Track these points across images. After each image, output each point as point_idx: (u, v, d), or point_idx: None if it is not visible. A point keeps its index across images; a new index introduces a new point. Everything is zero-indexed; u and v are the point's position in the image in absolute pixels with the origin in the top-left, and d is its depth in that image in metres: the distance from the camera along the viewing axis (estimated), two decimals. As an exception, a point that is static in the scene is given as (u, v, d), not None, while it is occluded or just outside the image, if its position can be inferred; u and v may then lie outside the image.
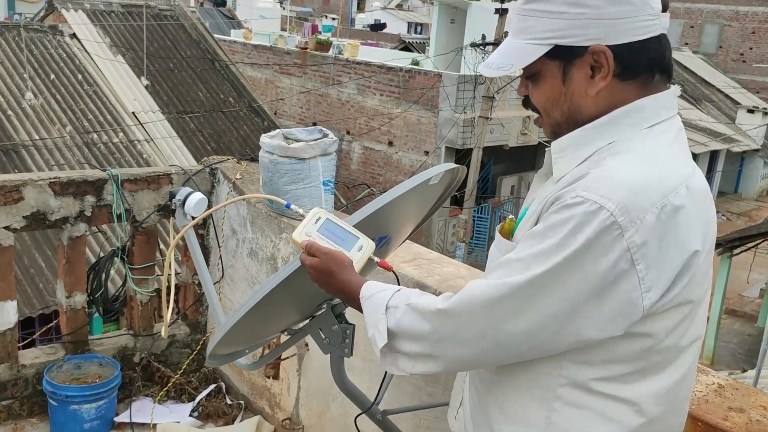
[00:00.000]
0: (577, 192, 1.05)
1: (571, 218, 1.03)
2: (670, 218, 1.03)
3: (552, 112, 1.18)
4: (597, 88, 1.13)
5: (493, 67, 1.19)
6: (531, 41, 1.14)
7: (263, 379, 3.06)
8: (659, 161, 1.09)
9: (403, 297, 1.25)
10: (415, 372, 1.23)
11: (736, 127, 22.28)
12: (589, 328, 1.06)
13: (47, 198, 2.85)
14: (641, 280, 1.03)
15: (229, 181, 3.18)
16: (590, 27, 1.10)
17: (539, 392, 1.16)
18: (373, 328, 1.25)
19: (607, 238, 1.02)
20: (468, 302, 1.13)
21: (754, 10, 29.26)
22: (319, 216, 1.42)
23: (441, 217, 14.30)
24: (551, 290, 1.05)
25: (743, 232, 11.34)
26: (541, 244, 1.06)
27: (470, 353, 1.16)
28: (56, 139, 8.47)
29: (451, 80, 13.67)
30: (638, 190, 1.03)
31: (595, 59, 1.12)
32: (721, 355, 11.17)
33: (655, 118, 1.14)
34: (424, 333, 1.19)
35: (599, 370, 1.11)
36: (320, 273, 1.35)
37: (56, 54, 9.56)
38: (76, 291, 3.06)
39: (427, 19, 30.46)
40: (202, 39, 11.02)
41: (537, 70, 1.16)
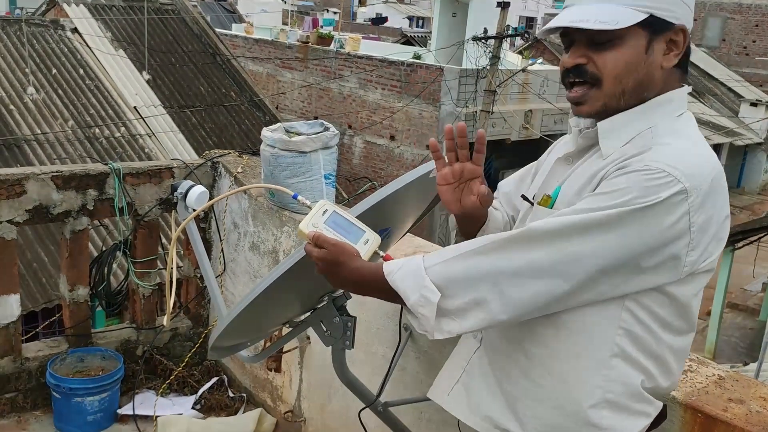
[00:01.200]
0: (645, 162, 1.16)
1: (641, 181, 1.14)
2: (716, 188, 1.19)
3: (626, 78, 1.23)
4: (671, 63, 1.25)
5: (592, 22, 1.20)
6: (629, 6, 1.21)
7: (265, 372, 3.07)
8: (703, 143, 1.25)
9: (439, 255, 1.26)
10: (463, 330, 1.24)
11: (739, 121, 22.21)
12: (638, 277, 1.18)
13: (49, 192, 2.86)
14: (691, 240, 1.17)
15: (231, 175, 3.18)
16: (680, 7, 1.23)
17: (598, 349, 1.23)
18: (419, 289, 1.23)
19: (674, 200, 1.14)
20: (534, 231, 1.17)
21: (758, 3, 29.12)
22: (326, 208, 1.41)
23: (443, 211, 14.27)
24: (614, 231, 1.14)
25: (746, 226, 11.32)
26: (612, 200, 1.15)
27: (528, 295, 1.17)
28: (58, 133, 8.47)
29: (453, 74, 13.63)
30: (697, 162, 1.18)
31: (673, 37, 1.24)
32: (722, 349, 11.16)
33: (680, 109, 1.28)
34: (482, 272, 1.19)
35: (648, 326, 1.23)
36: (329, 264, 1.34)
37: (58, 48, 9.55)
38: (78, 284, 3.07)
39: (428, 13, 30.38)
40: (204, 33, 11.00)
41: (620, 36, 1.21)
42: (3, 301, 2.87)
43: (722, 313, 11.27)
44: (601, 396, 1.24)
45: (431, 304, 1.22)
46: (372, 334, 2.36)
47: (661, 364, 1.27)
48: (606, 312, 1.22)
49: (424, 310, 1.23)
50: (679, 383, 1.65)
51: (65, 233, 2.99)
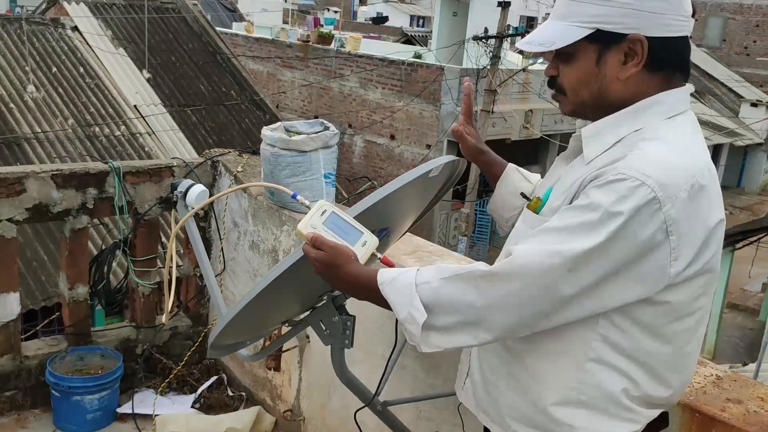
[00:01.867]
0: (619, 170, 1.15)
1: (615, 192, 1.14)
2: (698, 196, 1.16)
3: (581, 91, 1.27)
4: (628, 74, 1.23)
5: (535, 44, 1.28)
6: (575, 24, 1.24)
7: (264, 371, 3.08)
8: (685, 147, 1.21)
9: (431, 272, 1.28)
10: (449, 346, 1.27)
11: (739, 121, 22.21)
12: (623, 291, 1.18)
13: (49, 190, 2.86)
14: (672, 250, 1.15)
15: (231, 174, 3.18)
16: (632, 17, 1.21)
17: (574, 349, 1.24)
18: (408, 307, 1.27)
19: (648, 211, 1.13)
20: (520, 267, 1.19)
21: (759, 3, 29.10)
22: (325, 209, 1.41)
23: (443, 211, 14.29)
24: (599, 259, 1.15)
25: (746, 227, 11.32)
26: (586, 216, 1.15)
27: (514, 319, 1.22)
28: (58, 131, 8.47)
29: (454, 74, 13.63)
30: (673, 170, 1.15)
31: (630, 47, 1.22)
32: (722, 349, 11.17)
33: (673, 111, 1.25)
34: (470, 300, 1.23)
35: (627, 332, 1.22)
36: (326, 266, 1.36)
37: (58, 47, 9.55)
38: (78, 283, 3.07)
39: (429, 12, 30.36)
40: (204, 32, 11.00)
41: (573, 51, 1.25)
42: (3, 299, 2.87)
43: (722, 313, 11.28)
44: (575, 397, 1.25)
45: (417, 324, 1.26)
46: (371, 333, 2.36)
47: (651, 372, 1.25)
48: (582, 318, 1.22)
49: (411, 327, 1.28)
50: (678, 383, 1.66)
51: (65, 232, 2.99)
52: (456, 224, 14.58)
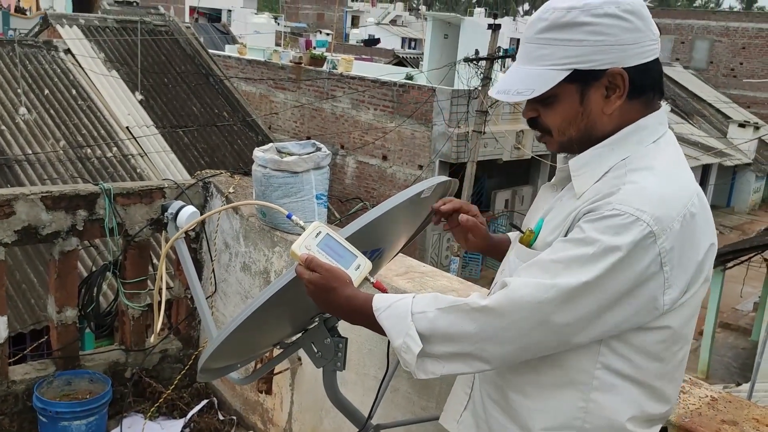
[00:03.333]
0: (614, 206, 1.15)
1: (610, 228, 1.14)
2: (690, 224, 1.17)
3: (568, 130, 1.27)
4: (613, 107, 1.23)
5: (512, 93, 1.26)
6: (549, 67, 1.22)
7: (256, 394, 3.04)
8: (674, 175, 1.22)
9: (427, 301, 1.28)
10: (445, 373, 1.27)
11: (727, 142, 22.44)
12: (617, 322, 1.18)
13: (39, 212, 2.84)
14: (666, 280, 1.16)
15: (222, 195, 3.17)
16: (608, 52, 1.20)
17: (577, 379, 1.24)
18: (403, 336, 1.26)
19: (644, 245, 1.13)
20: (516, 301, 1.19)
21: (744, 25, 29.60)
22: (320, 230, 1.40)
23: (435, 231, 14.29)
24: (593, 293, 1.15)
25: (736, 246, 11.38)
26: (581, 250, 1.15)
27: (510, 350, 1.22)
28: (49, 153, 8.44)
29: (445, 95, 13.73)
30: (666, 203, 1.16)
31: (611, 81, 1.21)
32: (715, 369, 11.15)
33: (656, 134, 1.26)
34: (466, 333, 1.22)
35: (631, 359, 1.22)
36: (321, 289, 1.34)
37: (50, 69, 9.56)
38: (67, 306, 3.04)
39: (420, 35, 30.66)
40: (197, 54, 11.05)
41: (553, 93, 1.23)
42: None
43: (714, 333, 11.28)
44: (580, 425, 1.24)
45: (413, 354, 1.25)
46: (364, 355, 2.34)
47: (652, 391, 1.26)
48: (584, 348, 1.22)
49: (406, 356, 1.27)
50: (673, 405, 1.65)
51: (54, 254, 2.96)
52: (448, 244, 14.58)
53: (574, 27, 1.19)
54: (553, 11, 1.21)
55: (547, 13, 1.22)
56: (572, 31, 1.19)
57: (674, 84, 26.38)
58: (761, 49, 29.15)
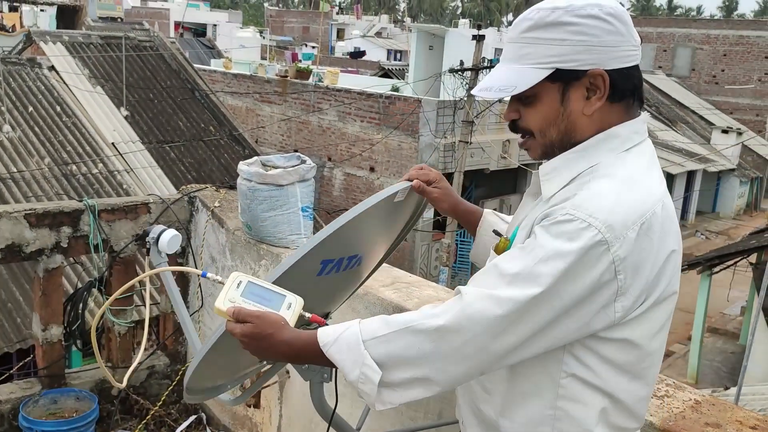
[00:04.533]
0: (567, 210, 1.15)
1: (561, 234, 1.14)
2: (647, 234, 1.15)
3: (548, 131, 1.26)
4: (593, 109, 1.23)
5: (494, 90, 1.25)
6: (532, 65, 1.22)
7: (244, 409, 3.02)
8: (638, 184, 1.19)
9: (377, 325, 1.23)
10: (404, 401, 1.23)
11: (711, 148, 22.69)
12: (571, 330, 1.17)
13: (22, 230, 2.82)
14: (619, 288, 1.14)
15: (208, 210, 3.17)
16: (589, 53, 1.20)
17: (544, 388, 1.23)
18: (359, 367, 1.21)
19: (595, 252, 1.12)
20: (470, 317, 1.17)
21: (725, 33, 30.03)
22: (240, 280, 1.35)
23: (424, 242, 14.32)
24: (547, 302, 1.14)
25: (722, 251, 11.49)
26: (534, 257, 1.15)
27: (468, 368, 1.20)
28: (34, 171, 8.39)
29: (431, 105, 13.81)
30: (621, 210, 1.14)
31: (592, 82, 1.22)
32: (705, 374, 11.20)
33: (629, 143, 1.25)
34: (423, 354, 1.19)
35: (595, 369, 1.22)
36: (256, 339, 1.28)
37: (34, 86, 9.52)
38: (52, 324, 3.01)
39: (405, 46, 30.82)
40: (182, 69, 11.05)
41: (534, 92, 1.23)
42: (-26, 342, 2.80)
43: (702, 338, 11.35)
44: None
45: (372, 383, 1.21)
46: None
47: (620, 405, 1.24)
48: (549, 357, 1.22)
49: (365, 387, 1.22)
50: (657, 409, 1.66)
51: (38, 272, 2.94)
52: (437, 255, 14.60)
53: (558, 26, 1.20)
54: (538, 11, 1.23)
55: (531, 13, 1.24)
56: (555, 31, 1.20)
57: (657, 91, 26.67)
58: (742, 56, 29.58)
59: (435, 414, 2.07)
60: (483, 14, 68.45)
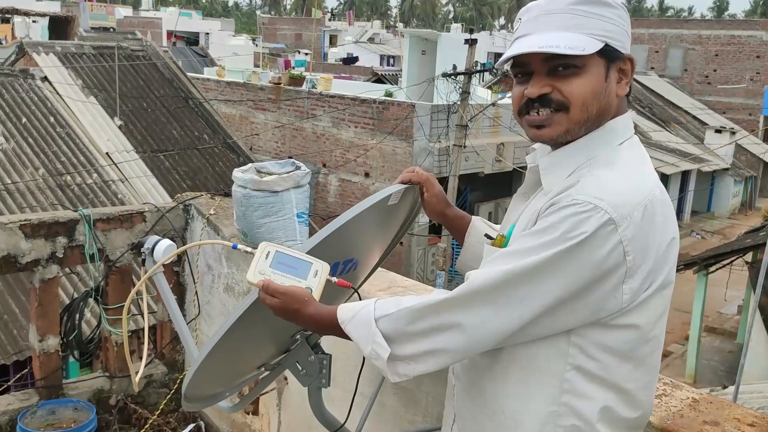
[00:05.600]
0: (573, 196, 1.17)
1: (569, 216, 1.15)
2: (652, 214, 1.18)
3: (591, 105, 1.24)
4: (625, 91, 1.28)
5: (561, 47, 1.19)
6: (587, 34, 1.22)
7: (243, 416, 3.02)
8: (635, 171, 1.24)
9: (388, 304, 1.29)
10: (417, 373, 1.28)
11: (705, 147, 22.78)
12: (580, 311, 1.18)
13: (18, 240, 2.82)
14: (628, 269, 1.16)
15: (203, 217, 3.17)
16: (626, 37, 1.27)
17: (548, 383, 1.24)
18: (370, 343, 1.27)
19: (604, 231, 1.14)
20: (476, 288, 1.21)
21: (716, 33, 30.19)
22: (269, 250, 1.41)
23: (420, 246, 14.32)
24: (552, 277, 1.16)
25: (718, 250, 11.52)
26: (541, 239, 1.17)
27: (475, 339, 1.22)
28: (29, 182, 8.37)
29: (425, 110, 13.83)
30: (625, 192, 1.18)
31: (623, 67, 1.27)
32: (703, 373, 11.22)
33: (622, 136, 1.29)
34: (429, 327, 1.24)
35: (601, 359, 1.23)
36: (284, 312, 1.38)
37: (28, 97, 9.51)
38: (48, 334, 3.00)
39: (398, 52, 30.90)
40: (175, 78, 11.05)
41: (583, 64, 1.22)
42: (-30, 354, 2.79)
43: (700, 337, 11.36)
44: (552, 430, 1.25)
45: (382, 359, 1.27)
46: (349, 371, 2.34)
47: (624, 394, 1.26)
48: (553, 349, 1.23)
49: (376, 362, 1.29)
50: (655, 408, 1.66)
51: (34, 282, 2.94)
52: (433, 259, 14.60)
53: (604, 5, 1.24)
54: None
55: None
56: (604, 8, 1.24)
57: (650, 92, 26.79)
58: (734, 56, 29.73)
59: (434, 417, 2.07)
60: (475, 18, 68.70)
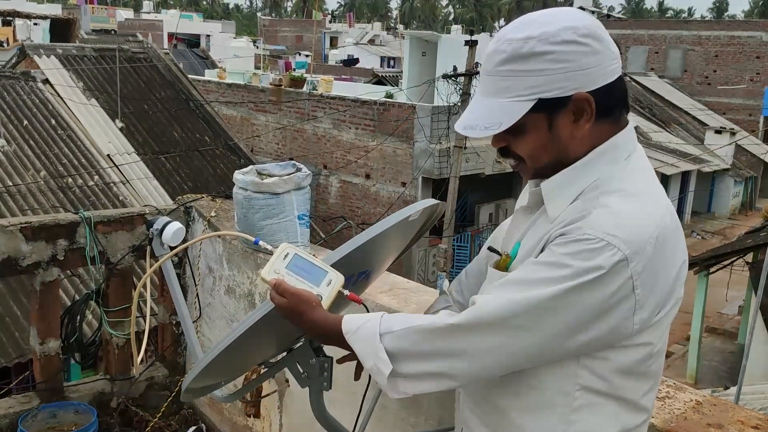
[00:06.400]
0: (584, 230, 1.15)
1: (580, 252, 1.13)
2: (662, 245, 1.16)
3: (540, 158, 1.25)
4: (583, 131, 1.22)
5: (479, 128, 1.22)
6: (514, 99, 1.20)
7: (244, 418, 3.01)
8: (646, 195, 1.21)
9: (396, 321, 1.28)
10: (417, 392, 1.27)
11: (705, 148, 22.77)
12: (585, 342, 1.18)
13: (18, 243, 2.82)
14: (637, 302, 1.15)
15: (204, 219, 3.17)
16: (571, 79, 1.18)
17: (557, 402, 1.24)
18: (374, 358, 1.26)
19: (615, 269, 1.12)
20: (483, 317, 1.19)
21: (716, 34, 30.18)
22: (288, 252, 1.41)
23: (421, 248, 14.31)
24: (560, 310, 1.15)
25: (718, 251, 11.50)
26: (550, 272, 1.15)
27: (478, 367, 1.22)
28: (30, 184, 8.37)
29: (425, 111, 13.83)
30: (637, 226, 1.15)
31: (577, 106, 1.20)
32: (704, 374, 11.21)
33: (626, 151, 1.25)
34: (435, 350, 1.23)
35: (610, 379, 1.23)
36: (290, 313, 1.37)
37: (29, 100, 9.52)
38: (49, 337, 3.00)
39: (399, 53, 30.91)
40: (176, 80, 11.05)
41: (520, 124, 1.21)
42: (-29, 357, 2.79)
43: (701, 338, 11.35)
44: None
45: (383, 375, 1.26)
46: (351, 374, 2.33)
47: (631, 405, 1.26)
48: (562, 371, 1.22)
49: (377, 377, 1.28)
50: (658, 411, 1.66)
51: (35, 285, 2.93)
52: (435, 260, 14.59)
53: (534, 57, 1.17)
54: (510, 42, 1.19)
55: (504, 45, 1.20)
56: (533, 62, 1.17)
57: (650, 93, 26.79)
58: (733, 56, 29.72)
59: (435, 420, 2.07)
60: (475, 20, 68.74)
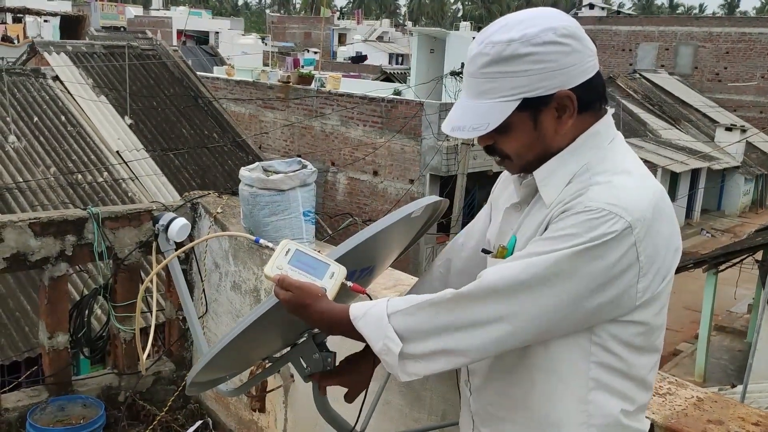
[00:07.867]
0: (585, 203, 1.19)
1: (585, 221, 1.17)
2: (661, 214, 1.21)
3: (526, 155, 1.30)
4: (566, 127, 1.27)
5: (466, 129, 1.27)
6: (498, 100, 1.24)
7: (250, 413, 3.04)
8: (638, 172, 1.26)
9: (401, 302, 1.29)
10: (427, 372, 1.27)
11: (715, 145, 22.62)
12: (594, 311, 1.20)
13: (27, 239, 2.85)
14: (641, 269, 1.19)
15: (210, 216, 3.19)
16: (553, 78, 1.23)
17: (574, 384, 1.26)
18: (382, 338, 1.27)
19: (620, 235, 1.16)
20: (489, 286, 1.21)
21: (727, 30, 29.94)
22: (289, 248, 1.42)
23: (428, 244, 14.31)
24: (567, 279, 1.17)
25: (728, 249, 11.44)
26: (556, 243, 1.18)
27: (488, 339, 1.21)
28: (40, 180, 8.44)
29: (433, 108, 13.81)
30: (635, 196, 1.20)
31: (560, 103, 1.25)
32: (712, 372, 11.16)
33: (608, 137, 1.31)
34: (443, 324, 1.23)
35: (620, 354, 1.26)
36: (295, 306, 1.37)
37: (39, 96, 9.58)
38: (58, 331, 3.04)
39: (407, 50, 30.89)
40: (185, 77, 11.10)
41: (507, 123, 1.25)
42: (-19, 351, 2.82)
43: (709, 336, 11.30)
44: (586, 429, 1.26)
45: (393, 354, 1.26)
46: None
47: (639, 382, 1.30)
48: (575, 349, 1.25)
49: (387, 358, 1.28)
50: (659, 407, 1.66)
51: (44, 280, 2.97)
52: (442, 257, 14.57)
53: (517, 59, 1.22)
54: (493, 45, 1.23)
55: (487, 48, 1.24)
56: (515, 63, 1.22)
57: (660, 90, 26.62)
58: (744, 53, 29.48)
59: (438, 415, 2.08)
60: (484, 17, 68.50)
